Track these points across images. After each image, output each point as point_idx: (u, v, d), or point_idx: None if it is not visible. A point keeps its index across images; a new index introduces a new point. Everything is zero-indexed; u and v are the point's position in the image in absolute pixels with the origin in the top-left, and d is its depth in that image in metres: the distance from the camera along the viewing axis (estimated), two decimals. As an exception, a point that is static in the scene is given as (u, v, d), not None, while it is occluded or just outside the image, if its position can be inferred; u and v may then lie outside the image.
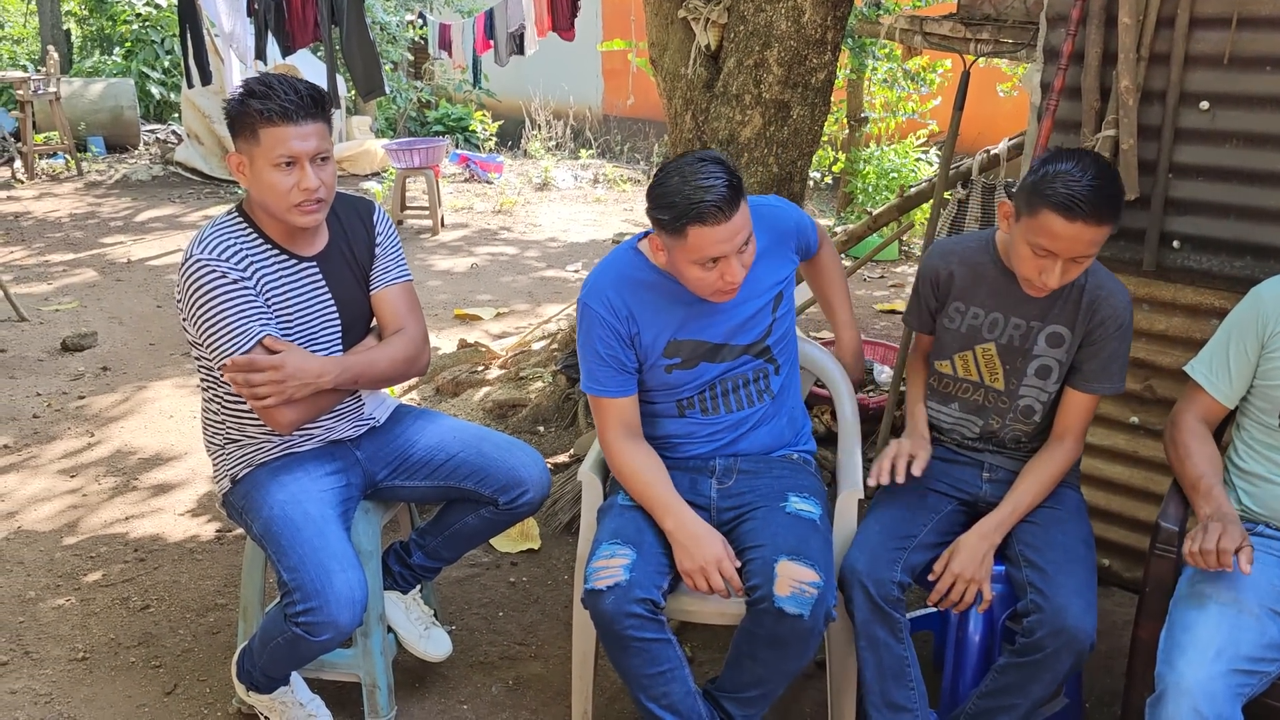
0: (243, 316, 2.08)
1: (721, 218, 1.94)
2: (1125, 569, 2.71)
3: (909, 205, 4.88)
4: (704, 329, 2.17)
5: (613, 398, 2.17)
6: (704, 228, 1.94)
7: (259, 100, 2.03)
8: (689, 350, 2.17)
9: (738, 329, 2.18)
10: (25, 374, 4.85)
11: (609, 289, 2.16)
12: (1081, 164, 1.90)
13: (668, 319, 2.16)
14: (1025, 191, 1.96)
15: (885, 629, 2.05)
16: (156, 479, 3.79)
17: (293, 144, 2.04)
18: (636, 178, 10.58)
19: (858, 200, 7.91)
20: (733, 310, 2.16)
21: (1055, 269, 1.95)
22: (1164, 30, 2.43)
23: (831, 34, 3.26)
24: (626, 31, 9.40)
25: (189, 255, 2.09)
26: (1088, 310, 2.09)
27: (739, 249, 2.00)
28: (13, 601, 2.96)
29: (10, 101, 11.31)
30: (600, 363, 2.16)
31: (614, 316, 2.14)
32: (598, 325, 2.14)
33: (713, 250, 1.97)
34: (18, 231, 7.80)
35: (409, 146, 7.92)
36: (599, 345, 2.15)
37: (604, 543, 2.07)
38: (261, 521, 2.14)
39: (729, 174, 1.96)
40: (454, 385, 4.41)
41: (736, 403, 2.23)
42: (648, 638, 1.99)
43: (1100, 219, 1.88)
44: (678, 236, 1.98)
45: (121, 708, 2.51)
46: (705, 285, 2.04)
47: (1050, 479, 2.16)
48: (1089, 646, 1.93)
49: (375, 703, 2.40)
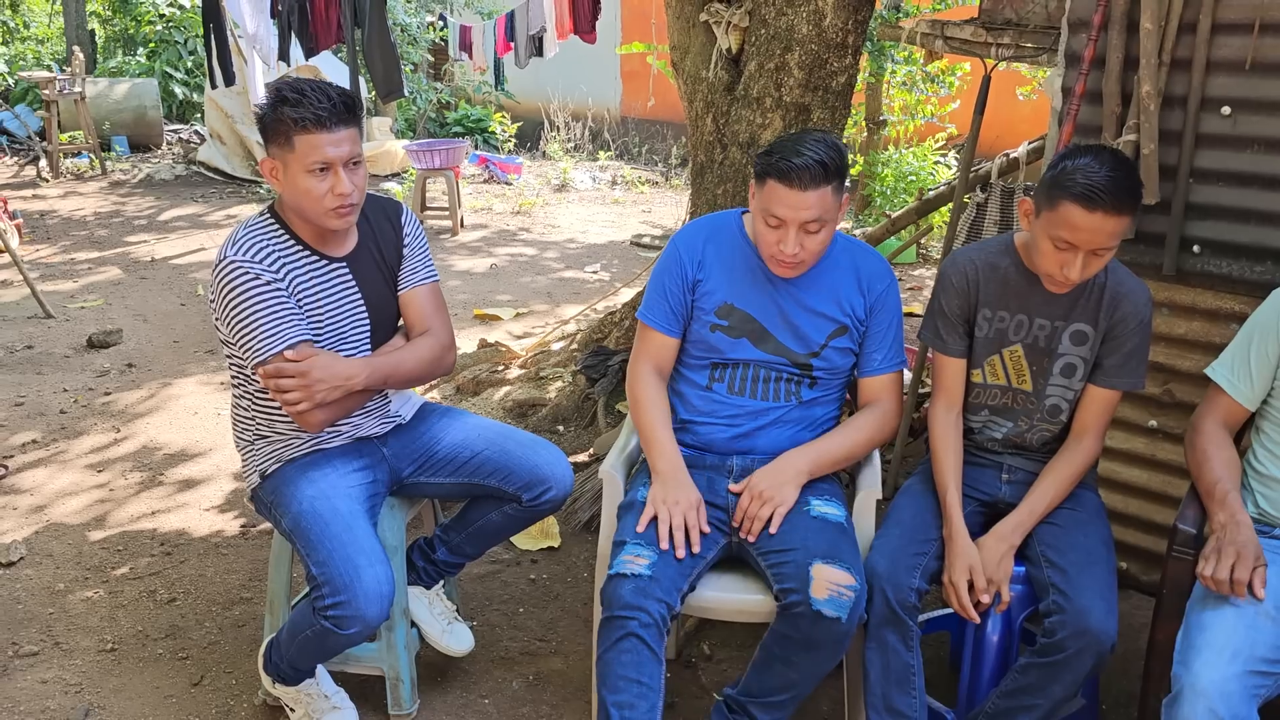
0: (275, 317, 2.12)
1: (797, 184, 2.04)
2: (1143, 572, 2.72)
3: (928, 208, 4.89)
4: (761, 309, 2.25)
5: (655, 330, 2.30)
6: (778, 184, 2.05)
7: (292, 107, 2.05)
8: (739, 320, 2.25)
9: (790, 331, 2.24)
10: (52, 370, 4.92)
11: (697, 234, 2.31)
12: (1099, 157, 1.93)
13: (734, 282, 2.26)
14: (1045, 186, 1.99)
15: (897, 635, 2.05)
16: (182, 474, 3.84)
17: (327, 150, 2.07)
18: (654, 179, 10.61)
19: (876, 203, 7.92)
20: (793, 308, 2.24)
21: (1077, 262, 1.97)
22: (1186, 35, 2.44)
23: (852, 38, 3.28)
24: (646, 34, 9.43)
25: (222, 256, 2.13)
26: (1109, 307, 2.12)
27: (803, 223, 2.08)
28: (43, 593, 3.02)
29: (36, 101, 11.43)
30: (660, 295, 2.30)
31: (689, 258, 2.28)
32: (672, 261, 2.29)
33: (777, 209, 2.07)
34: (44, 230, 7.90)
35: (429, 147, 7.97)
36: (665, 278, 2.30)
37: (630, 543, 2.10)
38: (291, 516, 2.18)
39: (830, 156, 2.05)
40: (474, 384, 4.45)
41: (764, 392, 2.26)
42: (646, 640, 1.98)
43: (1120, 208, 1.91)
44: (760, 184, 2.11)
45: (149, 698, 2.56)
46: (766, 244, 2.15)
47: (1069, 479, 2.17)
48: (1110, 648, 1.94)
49: (398, 696, 2.43)
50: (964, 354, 2.24)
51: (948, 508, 2.16)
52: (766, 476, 2.18)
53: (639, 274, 5.71)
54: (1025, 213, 2.08)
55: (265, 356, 2.11)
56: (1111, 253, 2.00)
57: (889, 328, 2.29)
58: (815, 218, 2.07)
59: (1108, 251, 1.98)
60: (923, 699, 2.11)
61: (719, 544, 2.18)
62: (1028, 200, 2.07)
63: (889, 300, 2.29)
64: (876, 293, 2.27)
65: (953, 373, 2.26)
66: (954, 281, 2.21)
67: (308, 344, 2.16)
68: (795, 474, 2.19)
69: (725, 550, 2.21)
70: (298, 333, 2.14)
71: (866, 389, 2.32)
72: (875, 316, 2.28)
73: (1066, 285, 2.04)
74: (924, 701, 2.11)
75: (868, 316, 2.28)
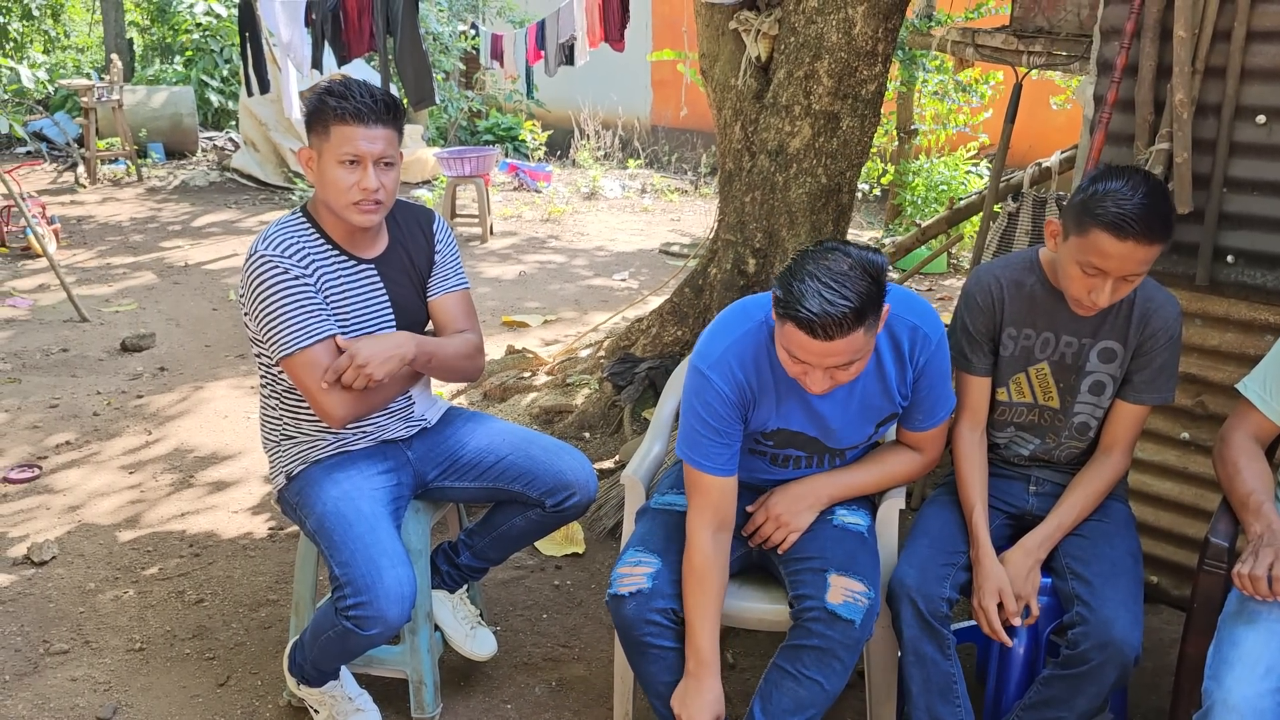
0: (303, 312, 2.14)
1: (821, 335, 1.77)
2: (1174, 586, 2.68)
3: (958, 218, 4.87)
4: (809, 424, 2.09)
5: (714, 475, 2.01)
6: (798, 333, 1.79)
7: (336, 99, 2.12)
8: (786, 438, 2.12)
9: (841, 435, 2.11)
10: (86, 373, 4.99)
11: (733, 365, 1.99)
12: (1131, 182, 1.88)
13: (783, 409, 2.06)
14: (1074, 210, 1.94)
15: (934, 645, 2.04)
16: (212, 477, 3.88)
17: (360, 144, 2.12)
18: (684, 188, 10.62)
19: (906, 213, 7.87)
20: (843, 414, 2.07)
21: (1105, 288, 1.93)
22: (1220, 43, 2.41)
23: (882, 46, 3.27)
24: (676, 42, 9.45)
25: (253, 251, 2.17)
26: (1139, 324, 2.08)
27: (831, 367, 1.85)
28: (74, 592, 3.05)
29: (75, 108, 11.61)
30: (711, 436, 2.00)
31: (737, 397, 2.00)
32: (717, 401, 1.99)
33: (800, 354, 1.83)
34: (80, 235, 8.01)
35: (460, 155, 8.02)
36: (710, 418, 1.99)
37: (631, 548, 2.10)
38: (315, 517, 2.20)
39: (861, 297, 1.75)
40: (501, 390, 4.47)
41: (805, 464, 2.20)
42: (664, 645, 2.02)
43: (1152, 238, 1.87)
44: (780, 320, 1.85)
45: (176, 697, 2.58)
46: (797, 378, 1.93)
47: (1097, 493, 2.15)
48: (1135, 660, 1.91)
49: (421, 699, 2.44)
50: (988, 372, 2.20)
51: (974, 528, 2.13)
52: (785, 500, 2.13)
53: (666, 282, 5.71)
54: (1052, 234, 2.03)
55: (291, 351, 2.14)
56: (1141, 278, 1.97)
57: (933, 388, 2.09)
58: (846, 361, 1.84)
59: (1138, 277, 1.95)
60: (967, 706, 2.08)
61: (737, 551, 2.16)
62: (1054, 222, 2.02)
63: (934, 362, 2.06)
64: (920, 364, 2.06)
65: (978, 391, 2.21)
66: (978, 300, 2.16)
67: (335, 339, 2.18)
68: (815, 500, 2.14)
69: (746, 559, 2.20)
70: (326, 328, 2.16)
71: (909, 438, 2.21)
72: (920, 382, 2.08)
73: (1093, 310, 2.01)
74: (969, 709, 2.09)
75: (914, 385, 2.09)
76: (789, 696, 1.98)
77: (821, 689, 1.98)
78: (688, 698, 2.00)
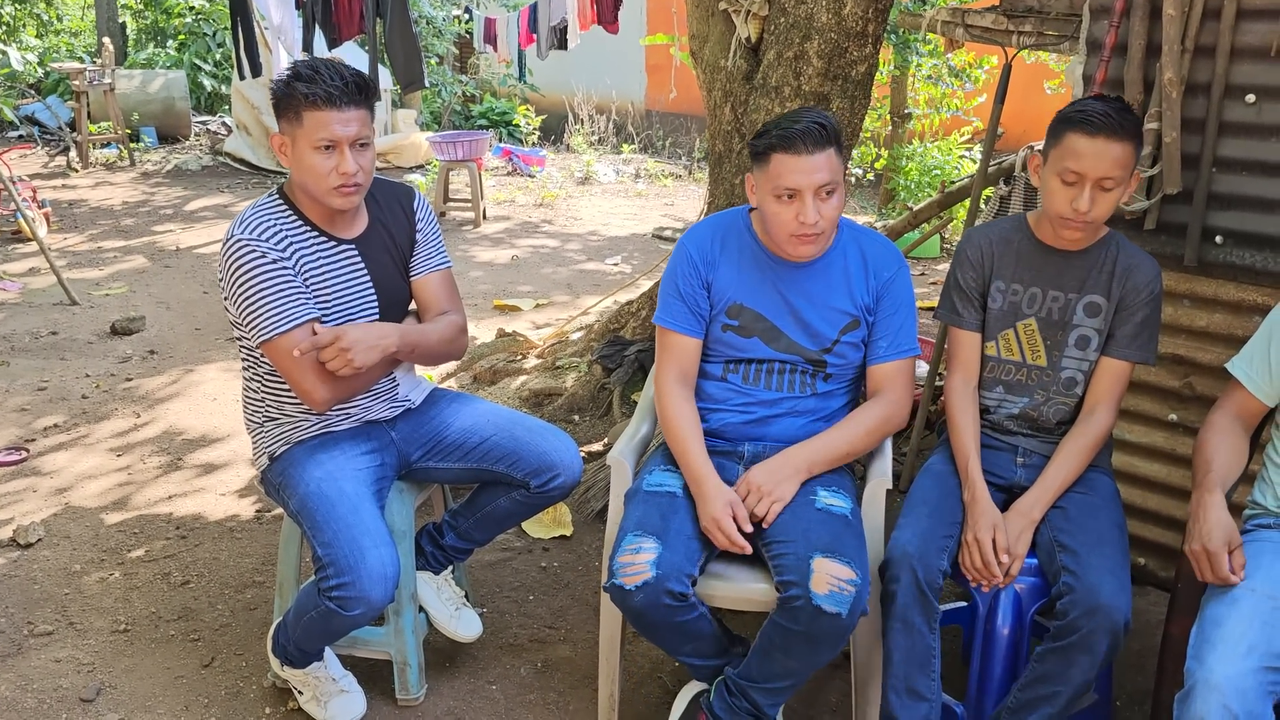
0: (281, 297, 2.12)
1: (803, 149, 2.04)
2: (1160, 567, 2.68)
3: (950, 201, 4.85)
4: (772, 308, 2.23)
5: (678, 333, 2.26)
6: (786, 155, 2.05)
7: (304, 84, 2.08)
8: (749, 319, 2.24)
9: (802, 328, 2.23)
10: (75, 355, 4.97)
11: (705, 234, 2.29)
12: (1101, 99, 2.06)
13: (743, 281, 2.24)
14: (1050, 128, 2.09)
15: (923, 616, 2.05)
16: (200, 459, 3.87)
17: (334, 128, 2.09)
18: (678, 173, 10.59)
19: (899, 197, 7.85)
20: (803, 305, 2.22)
21: (1085, 194, 2.03)
22: (1210, 22, 2.40)
23: (873, 26, 3.25)
24: (670, 26, 9.40)
25: (230, 235, 2.14)
26: (1121, 277, 2.16)
27: (816, 189, 2.07)
28: (59, 574, 3.04)
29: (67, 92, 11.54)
30: (675, 296, 2.27)
31: (700, 257, 2.26)
32: (683, 262, 2.27)
33: (790, 180, 2.06)
34: (72, 219, 7.98)
35: (453, 139, 7.99)
36: (678, 280, 2.27)
37: (629, 533, 2.09)
38: (298, 498, 2.19)
39: (823, 120, 2.07)
40: (491, 373, 4.46)
41: (778, 384, 2.26)
42: (679, 621, 2.05)
43: (1121, 133, 1.99)
44: (763, 165, 2.11)
45: (160, 678, 2.57)
46: (783, 225, 2.12)
47: (1085, 451, 2.17)
48: (1124, 626, 1.92)
49: (406, 680, 2.44)
50: (978, 328, 2.28)
51: (969, 471, 2.18)
52: (763, 472, 2.16)
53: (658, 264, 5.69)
54: (1035, 167, 2.14)
55: (270, 335, 2.12)
56: (1118, 188, 2.04)
57: (895, 314, 2.25)
58: (828, 180, 2.08)
59: (1114, 184, 2.03)
60: (939, 683, 2.11)
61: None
62: (1037, 155, 2.14)
63: (896, 286, 2.25)
64: (884, 279, 2.25)
65: (968, 346, 2.29)
66: (968, 255, 2.27)
67: (316, 322, 2.16)
68: (794, 471, 2.16)
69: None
70: (305, 312, 2.15)
71: (872, 377, 2.29)
72: (882, 303, 2.25)
73: (1079, 224, 2.06)
74: (939, 685, 2.11)
75: (875, 304, 2.25)
76: (779, 666, 2.06)
77: (810, 662, 2.05)
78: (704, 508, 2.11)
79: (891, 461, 2.32)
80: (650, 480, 2.21)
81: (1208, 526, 1.89)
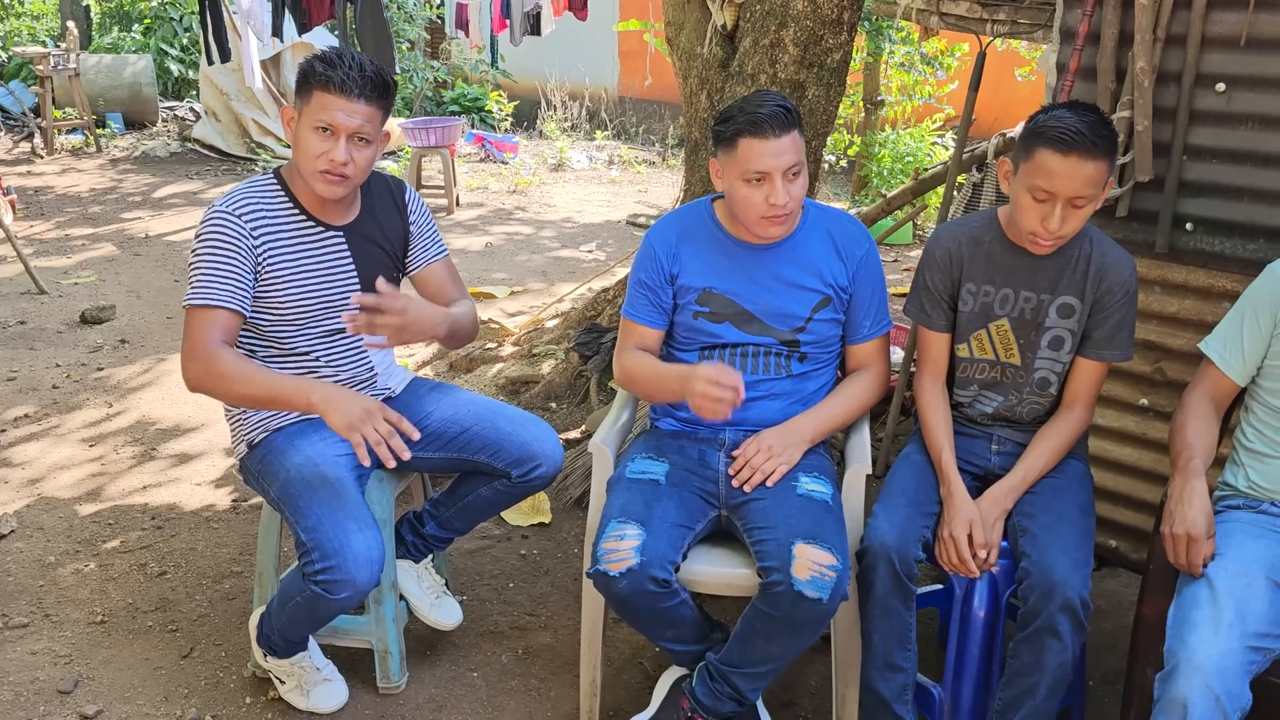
0: (219, 275, 2.14)
1: (770, 133, 2.06)
2: (1133, 550, 2.73)
3: (924, 188, 4.88)
4: (741, 292, 2.25)
5: (638, 323, 2.31)
6: (753, 139, 2.07)
7: (323, 64, 2.12)
8: (720, 304, 2.26)
9: (773, 310, 2.25)
10: (45, 345, 4.91)
11: (669, 228, 2.32)
12: (1074, 109, 1.97)
13: (711, 268, 2.26)
14: (1021, 140, 2.02)
15: (900, 600, 2.08)
16: (175, 449, 3.84)
17: (337, 114, 2.10)
18: (651, 159, 10.58)
19: (873, 184, 7.89)
20: (773, 286, 2.24)
21: (1056, 212, 1.98)
22: (1181, 11, 2.43)
23: (848, 14, 3.26)
24: (643, 12, 9.37)
25: (213, 204, 2.19)
26: (1095, 279, 2.12)
27: (784, 170, 2.09)
28: (34, 566, 3.02)
29: (30, 77, 11.36)
30: (640, 290, 2.31)
31: (663, 251, 2.29)
32: (647, 257, 2.30)
33: (758, 163, 2.08)
34: (38, 206, 7.86)
35: (425, 126, 7.93)
36: (642, 274, 2.31)
37: (612, 519, 2.09)
38: (279, 484, 2.18)
39: (785, 103, 2.10)
40: (467, 361, 4.45)
41: (754, 366, 2.27)
42: (662, 607, 2.06)
43: (1094, 152, 1.92)
44: (730, 150, 2.11)
45: (139, 670, 2.56)
46: (752, 208, 2.13)
47: (1059, 447, 2.18)
48: (1080, 603, 1.93)
49: (387, 669, 2.44)
50: (948, 329, 2.26)
51: (944, 467, 2.18)
52: (777, 434, 2.21)
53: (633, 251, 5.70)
54: (1004, 174, 2.10)
55: (194, 301, 2.14)
56: (1090, 204, 2.00)
57: (874, 292, 2.30)
58: (794, 162, 2.10)
59: (1086, 202, 1.98)
60: (914, 651, 2.14)
61: (708, 516, 2.18)
62: (1006, 161, 2.08)
63: (870, 264, 2.29)
64: (857, 258, 2.28)
65: (937, 346, 2.28)
66: (937, 256, 2.23)
67: (230, 313, 2.15)
68: (800, 439, 2.22)
69: (715, 523, 2.21)
70: (233, 300, 2.15)
71: (856, 355, 2.34)
72: (859, 283, 2.28)
73: (1049, 241, 2.03)
74: (915, 653, 2.15)
75: (851, 284, 2.28)
76: (760, 651, 2.08)
77: (791, 647, 2.06)
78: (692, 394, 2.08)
79: (871, 449, 2.34)
80: (633, 467, 2.22)
81: (1194, 514, 1.90)
